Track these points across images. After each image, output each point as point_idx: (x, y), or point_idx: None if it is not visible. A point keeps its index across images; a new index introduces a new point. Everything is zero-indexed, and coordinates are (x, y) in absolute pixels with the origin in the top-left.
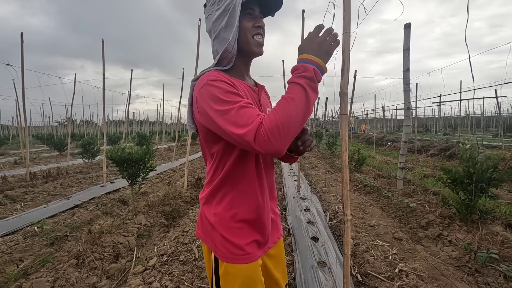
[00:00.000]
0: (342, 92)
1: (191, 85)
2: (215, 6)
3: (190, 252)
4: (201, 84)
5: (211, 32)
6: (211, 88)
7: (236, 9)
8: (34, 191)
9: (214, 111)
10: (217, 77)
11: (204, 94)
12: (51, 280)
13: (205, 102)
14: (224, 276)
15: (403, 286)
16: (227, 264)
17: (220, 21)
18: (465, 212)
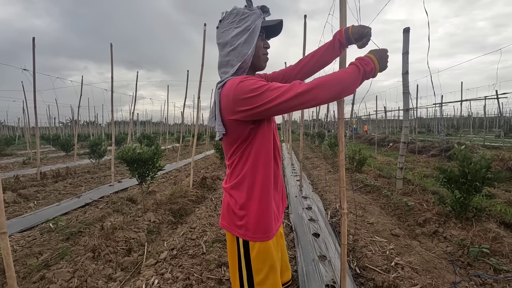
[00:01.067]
0: None
1: (216, 92)
2: (234, 24)
3: (198, 247)
4: (234, 84)
5: (227, 45)
6: (247, 82)
7: (255, 31)
8: (45, 190)
9: (257, 94)
10: (245, 77)
11: (243, 88)
12: (71, 271)
13: (246, 93)
14: (257, 254)
15: (398, 277)
16: (259, 243)
17: (239, 37)
18: (459, 210)
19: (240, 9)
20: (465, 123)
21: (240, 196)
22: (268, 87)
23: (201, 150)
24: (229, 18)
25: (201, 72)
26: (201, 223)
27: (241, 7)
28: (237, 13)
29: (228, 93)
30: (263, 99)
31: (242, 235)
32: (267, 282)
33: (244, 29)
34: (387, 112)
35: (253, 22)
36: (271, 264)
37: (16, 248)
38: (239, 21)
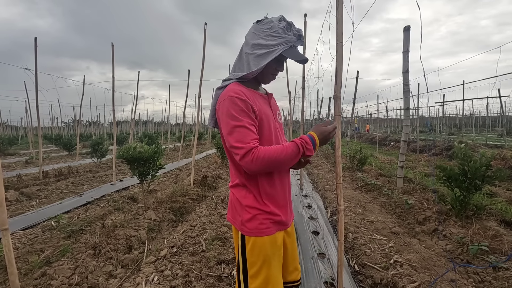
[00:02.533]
0: (336, 96)
1: (215, 93)
2: (263, 34)
3: (198, 245)
4: (225, 96)
5: (248, 46)
6: (231, 104)
7: (272, 55)
8: (47, 188)
9: (225, 123)
10: (237, 94)
11: (225, 106)
12: (72, 268)
13: (222, 114)
14: (251, 248)
15: (397, 274)
16: (254, 238)
17: (258, 49)
18: (459, 208)
19: (276, 25)
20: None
21: (239, 193)
22: (240, 126)
23: (203, 149)
24: (265, 25)
25: (202, 72)
26: (201, 221)
27: (281, 24)
28: (271, 27)
29: (220, 98)
30: (227, 128)
31: (240, 229)
32: (259, 276)
33: (266, 45)
34: (389, 111)
35: (276, 46)
36: (265, 259)
37: (18, 246)
38: (268, 35)
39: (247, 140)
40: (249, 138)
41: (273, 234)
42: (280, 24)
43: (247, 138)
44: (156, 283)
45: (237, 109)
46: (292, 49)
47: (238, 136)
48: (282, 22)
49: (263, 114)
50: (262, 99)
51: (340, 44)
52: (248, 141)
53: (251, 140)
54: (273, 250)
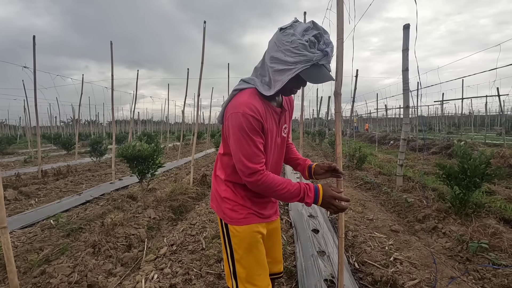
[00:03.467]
0: (336, 93)
1: (232, 93)
2: (283, 47)
3: (197, 243)
4: (239, 108)
5: (269, 56)
6: (243, 120)
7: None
8: (46, 187)
9: (237, 137)
10: (252, 112)
11: (238, 120)
12: (71, 266)
13: (233, 126)
14: (233, 235)
15: (397, 272)
16: (235, 226)
17: (277, 63)
18: (459, 205)
19: (297, 40)
20: (466, 121)
21: (219, 186)
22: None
23: (202, 148)
24: (286, 37)
25: (201, 70)
26: (201, 219)
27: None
28: (292, 42)
29: (235, 106)
30: (238, 143)
31: (222, 217)
32: (241, 261)
33: (284, 61)
34: (388, 110)
35: (294, 64)
36: (246, 247)
37: (17, 244)
38: (287, 50)
39: (256, 160)
40: (258, 159)
41: (253, 224)
42: (304, 38)
43: (256, 159)
44: (156, 281)
45: (250, 127)
46: (313, 68)
47: (247, 155)
48: (307, 35)
49: (269, 131)
50: (273, 114)
51: (341, 41)
52: (257, 162)
53: (259, 162)
54: (254, 238)
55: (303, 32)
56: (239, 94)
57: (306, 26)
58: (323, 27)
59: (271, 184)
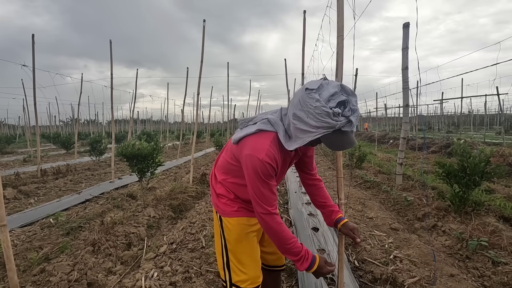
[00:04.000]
0: None
1: (255, 129)
2: (306, 109)
3: (197, 241)
4: (258, 154)
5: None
6: (261, 166)
7: (309, 136)
8: (45, 186)
9: (252, 179)
10: (270, 160)
11: (255, 164)
12: (71, 264)
13: (250, 168)
14: (225, 227)
15: (397, 270)
16: (227, 219)
17: (299, 121)
18: (458, 203)
19: (321, 107)
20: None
21: (216, 184)
22: (265, 188)
23: (201, 147)
24: (311, 100)
25: (201, 69)
26: (200, 218)
27: (331, 103)
28: (316, 108)
29: (253, 148)
30: (253, 184)
31: (217, 210)
32: (232, 251)
33: (306, 122)
34: (387, 110)
35: (316, 129)
36: (236, 237)
37: (17, 243)
38: (310, 113)
39: (270, 203)
40: (271, 201)
41: (244, 217)
42: (328, 104)
43: (269, 201)
44: (156, 279)
45: (266, 173)
46: (335, 134)
47: (262, 198)
48: (333, 100)
49: (279, 171)
50: (287, 157)
51: (341, 37)
52: (270, 204)
53: (272, 205)
54: (244, 230)
55: (329, 97)
56: (262, 135)
57: (333, 92)
58: (351, 89)
59: (278, 232)
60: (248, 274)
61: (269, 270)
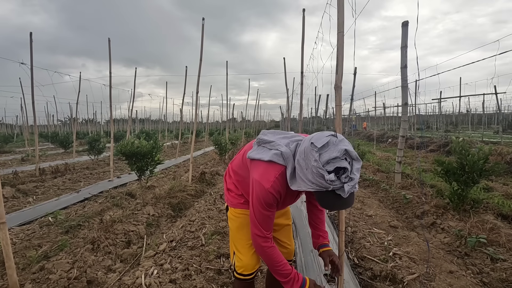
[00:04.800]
0: (337, 86)
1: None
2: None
3: (197, 239)
4: (266, 184)
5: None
6: (265, 195)
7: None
8: (44, 185)
9: (256, 205)
10: (275, 192)
11: (261, 192)
12: (70, 262)
13: (256, 193)
14: (229, 215)
15: (396, 266)
16: (232, 209)
17: (300, 170)
18: (457, 201)
19: (318, 168)
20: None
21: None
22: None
23: (200, 146)
24: (312, 157)
25: (200, 67)
26: (200, 216)
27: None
28: (314, 167)
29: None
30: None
31: (226, 200)
32: (233, 237)
33: (304, 174)
34: (386, 109)
35: (310, 183)
36: (238, 225)
37: (15, 241)
38: (308, 167)
39: (267, 227)
40: (268, 226)
41: (241, 209)
42: (326, 167)
43: (267, 226)
44: (156, 277)
45: (268, 203)
46: (328, 193)
47: (262, 223)
48: (332, 164)
49: (282, 201)
50: (291, 193)
51: (341, 34)
52: (268, 228)
53: (269, 229)
54: (240, 219)
55: (329, 160)
56: (272, 166)
57: (334, 156)
58: (357, 155)
59: (269, 254)
60: (243, 260)
61: None
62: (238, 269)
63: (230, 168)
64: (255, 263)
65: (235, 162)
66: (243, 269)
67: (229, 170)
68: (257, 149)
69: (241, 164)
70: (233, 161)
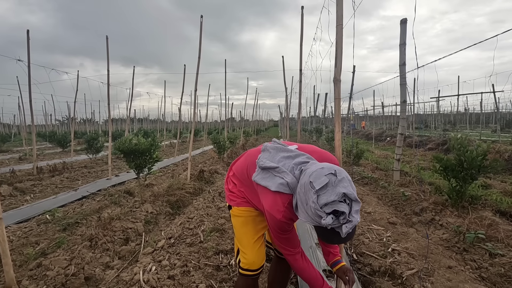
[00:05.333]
0: (336, 79)
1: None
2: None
3: (195, 236)
4: (277, 214)
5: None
6: (280, 225)
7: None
8: (42, 184)
9: (274, 232)
10: (287, 220)
11: (274, 221)
12: (68, 259)
13: (271, 222)
14: (232, 213)
15: (395, 262)
16: (233, 207)
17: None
18: (456, 198)
19: (316, 210)
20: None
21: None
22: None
23: (199, 146)
24: (310, 198)
25: (198, 65)
26: (198, 213)
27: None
28: (312, 208)
29: (273, 205)
30: (276, 234)
31: (228, 202)
32: (237, 234)
33: (302, 208)
34: (385, 108)
35: (307, 218)
36: (241, 222)
37: (12, 239)
38: (307, 203)
39: (292, 244)
40: (293, 245)
41: (247, 207)
42: (324, 209)
43: (292, 245)
44: (154, 273)
45: (284, 229)
46: (327, 229)
47: (286, 243)
48: (330, 207)
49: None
50: None
51: (340, 26)
52: (294, 245)
53: (296, 245)
54: (248, 218)
55: (326, 203)
56: (279, 197)
57: (332, 199)
58: (356, 196)
59: (303, 269)
60: (248, 257)
61: (281, 258)
62: (244, 265)
63: (232, 174)
64: (261, 259)
65: (237, 169)
66: (249, 265)
67: (232, 175)
68: (261, 173)
69: (245, 177)
70: (236, 166)
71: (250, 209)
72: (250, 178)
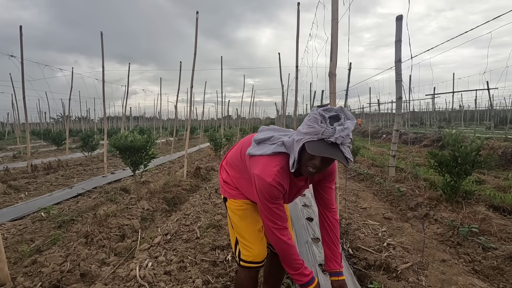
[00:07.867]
0: (331, 73)
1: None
2: (305, 120)
3: (192, 232)
4: (267, 177)
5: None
6: (268, 189)
7: (298, 144)
8: (36, 181)
9: (261, 200)
10: (276, 185)
11: (262, 185)
12: (63, 256)
13: (259, 188)
14: (228, 206)
15: (390, 256)
16: (229, 200)
17: (297, 134)
18: (450, 193)
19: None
20: (457, 116)
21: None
22: (274, 208)
23: (195, 143)
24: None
25: (194, 61)
26: (195, 210)
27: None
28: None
29: (263, 169)
30: (262, 203)
31: (224, 194)
32: (236, 228)
33: (300, 132)
34: (380, 105)
35: (304, 135)
36: (240, 214)
37: (7, 236)
38: (305, 123)
39: (280, 219)
40: (280, 218)
41: (241, 199)
42: (322, 114)
43: (280, 218)
44: (151, 269)
45: (272, 196)
46: (320, 142)
47: (271, 213)
48: (327, 113)
49: (287, 194)
50: (296, 184)
51: (336, 21)
52: (281, 219)
53: (282, 219)
54: (246, 210)
55: (326, 112)
56: (274, 159)
57: (335, 108)
58: (351, 115)
59: (286, 248)
60: (253, 249)
61: (275, 254)
62: (247, 258)
63: (225, 162)
64: (265, 250)
65: (231, 155)
66: (254, 257)
67: (225, 163)
68: (257, 146)
69: (239, 159)
70: (228, 153)
71: (246, 201)
72: (243, 160)
